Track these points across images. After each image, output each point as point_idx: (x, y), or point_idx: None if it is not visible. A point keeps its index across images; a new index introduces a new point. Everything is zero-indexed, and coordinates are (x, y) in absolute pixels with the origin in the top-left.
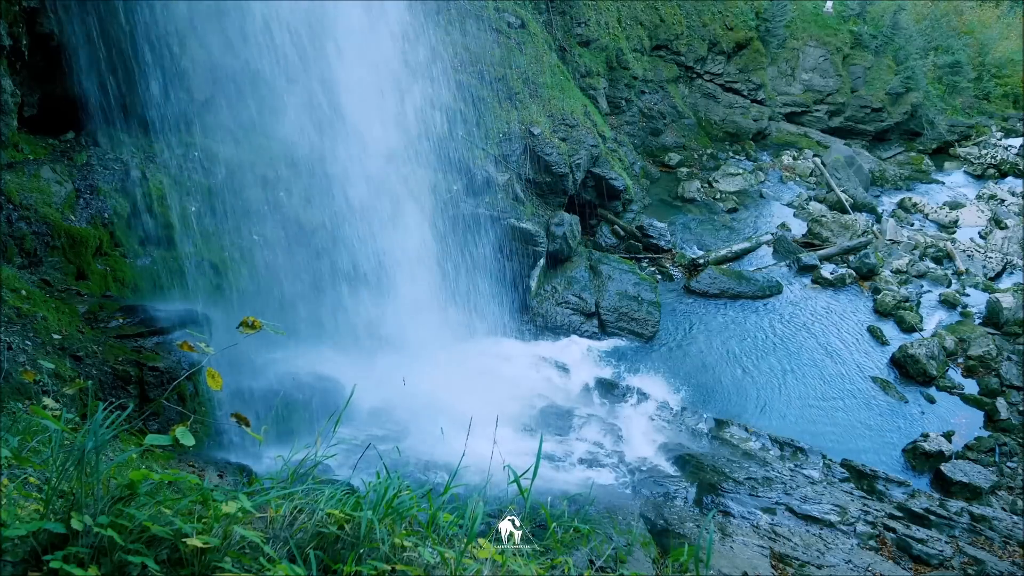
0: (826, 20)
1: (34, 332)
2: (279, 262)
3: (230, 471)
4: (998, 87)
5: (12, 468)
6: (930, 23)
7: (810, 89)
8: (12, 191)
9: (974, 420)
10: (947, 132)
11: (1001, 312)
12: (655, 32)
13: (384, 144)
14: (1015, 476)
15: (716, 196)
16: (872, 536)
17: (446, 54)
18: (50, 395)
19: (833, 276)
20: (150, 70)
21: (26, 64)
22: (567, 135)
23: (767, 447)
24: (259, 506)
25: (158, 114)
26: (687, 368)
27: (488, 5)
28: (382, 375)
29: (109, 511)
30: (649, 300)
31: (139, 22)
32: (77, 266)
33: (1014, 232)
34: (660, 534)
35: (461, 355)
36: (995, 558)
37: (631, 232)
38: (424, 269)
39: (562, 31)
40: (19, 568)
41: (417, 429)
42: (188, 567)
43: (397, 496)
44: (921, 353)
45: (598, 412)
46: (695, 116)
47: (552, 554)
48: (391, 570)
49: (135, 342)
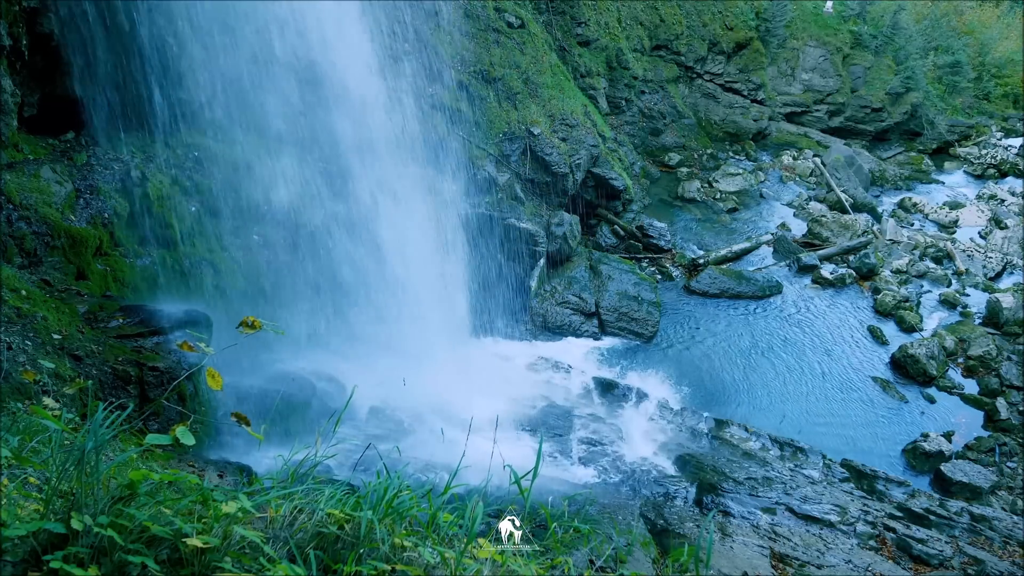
0: (826, 20)
1: (34, 332)
2: (279, 262)
3: (230, 471)
4: (998, 87)
5: (12, 468)
6: (930, 23)
7: (810, 89)
8: (12, 191)
9: (974, 420)
10: (947, 132)
11: (1001, 312)
12: (655, 32)
13: (384, 143)
14: (1015, 476)
15: (716, 196)
16: (872, 536)
17: (446, 54)
18: (50, 395)
19: (833, 276)
20: (150, 70)
21: (26, 64)
22: (567, 135)
23: (767, 447)
24: (259, 506)
25: (158, 114)
26: (687, 368)
27: (488, 5)
28: (382, 375)
29: (109, 511)
30: (649, 300)
31: (139, 22)
32: (77, 266)
33: (1014, 232)
34: (660, 534)
35: (461, 355)
36: (995, 558)
37: (631, 232)
38: (424, 269)
39: (562, 31)
40: (19, 568)
41: (417, 429)
42: (188, 567)
43: (397, 496)
44: (921, 353)
45: (598, 412)
46: (695, 116)
47: (552, 554)
48: (391, 570)
49: (135, 342)
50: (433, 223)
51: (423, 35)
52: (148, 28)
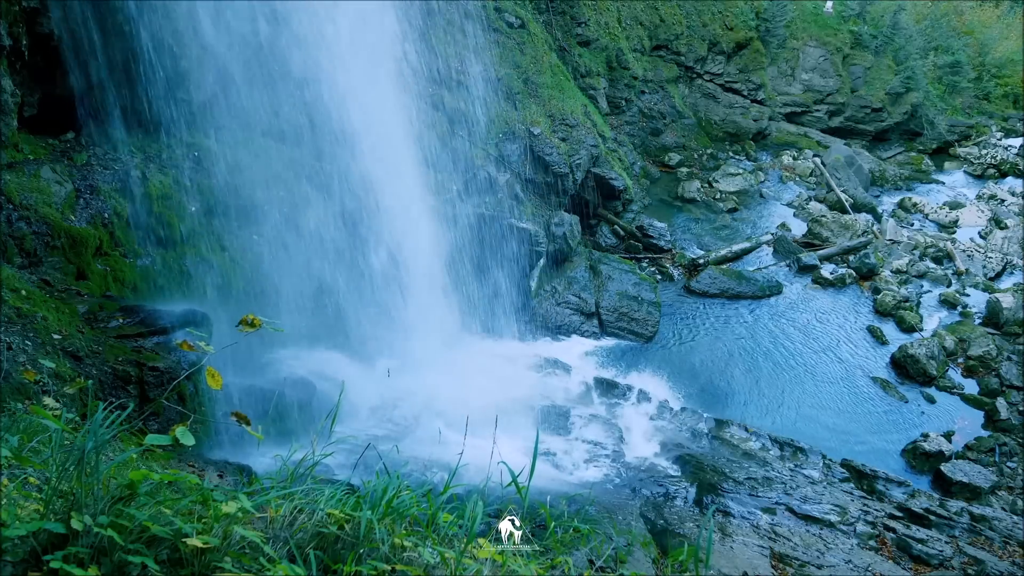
0: (826, 20)
1: (34, 332)
2: (279, 262)
3: (230, 471)
4: (998, 87)
5: (12, 468)
6: (930, 23)
7: (810, 89)
8: (12, 191)
9: (974, 420)
10: (947, 132)
11: (1001, 312)
12: (655, 32)
13: (383, 144)
14: (1015, 476)
15: (716, 196)
16: (872, 536)
17: (446, 54)
18: (50, 395)
19: (833, 276)
20: (150, 70)
21: (26, 64)
22: (567, 135)
23: (767, 447)
24: (259, 506)
25: (158, 114)
26: (687, 368)
27: (488, 5)
28: (382, 375)
29: (109, 511)
30: (649, 300)
31: (139, 22)
32: (77, 266)
33: (1014, 232)
34: (660, 534)
35: (461, 355)
36: (995, 558)
37: (631, 232)
38: (424, 269)
39: (562, 31)
40: (19, 568)
41: (417, 429)
42: (188, 567)
43: (397, 496)
44: (921, 353)
45: (598, 412)
46: (695, 116)
47: (552, 554)
48: (391, 570)
49: (135, 342)
50: (433, 223)
51: (424, 35)
52: (148, 28)
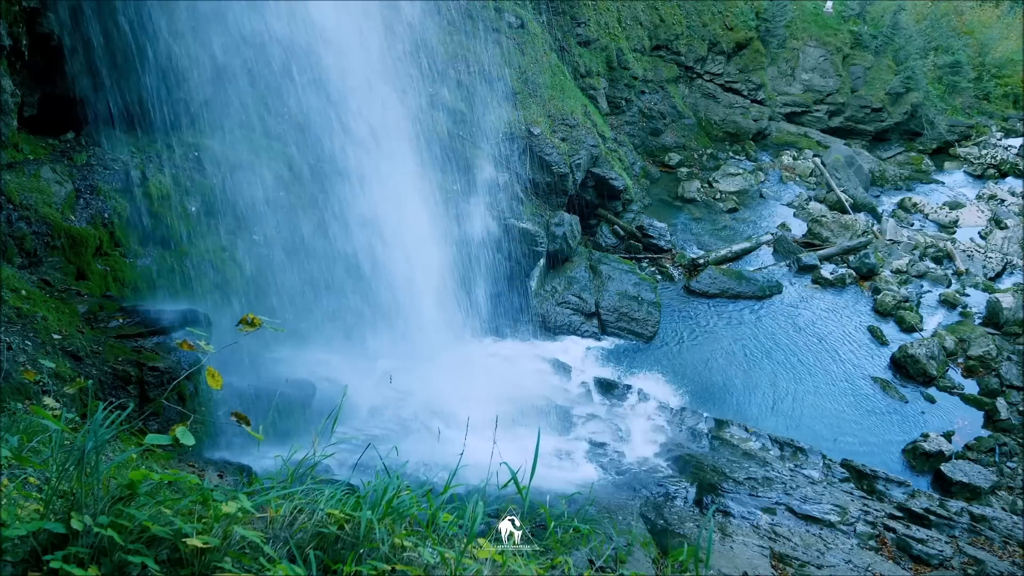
0: (826, 20)
1: (34, 332)
2: (279, 262)
3: (230, 471)
4: (998, 87)
5: (12, 468)
6: (930, 23)
7: (810, 89)
8: (12, 191)
9: (974, 420)
10: (947, 132)
11: (1001, 312)
12: (655, 32)
13: (383, 144)
14: (1015, 476)
15: (716, 196)
16: (872, 536)
17: (446, 54)
18: (50, 395)
19: (833, 276)
20: (150, 70)
21: (26, 64)
22: (567, 135)
23: (767, 447)
24: (259, 506)
25: (158, 114)
26: (687, 368)
27: (488, 5)
28: (383, 375)
29: (109, 511)
30: (649, 300)
31: (139, 21)
32: (77, 266)
33: (1014, 232)
34: (660, 534)
35: (461, 355)
36: (995, 558)
37: (631, 232)
38: (424, 269)
39: (562, 31)
40: (19, 568)
41: (417, 429)
42: (188, 567)
43: (397, 496)
44: (921, 353)
45: (598, 412)
46: (695, 116)
47: (552, 554)
48: (391, 570)
49: (135, 342)
50: (433, 223)
51: (424, 35)
52: (148, 28)
